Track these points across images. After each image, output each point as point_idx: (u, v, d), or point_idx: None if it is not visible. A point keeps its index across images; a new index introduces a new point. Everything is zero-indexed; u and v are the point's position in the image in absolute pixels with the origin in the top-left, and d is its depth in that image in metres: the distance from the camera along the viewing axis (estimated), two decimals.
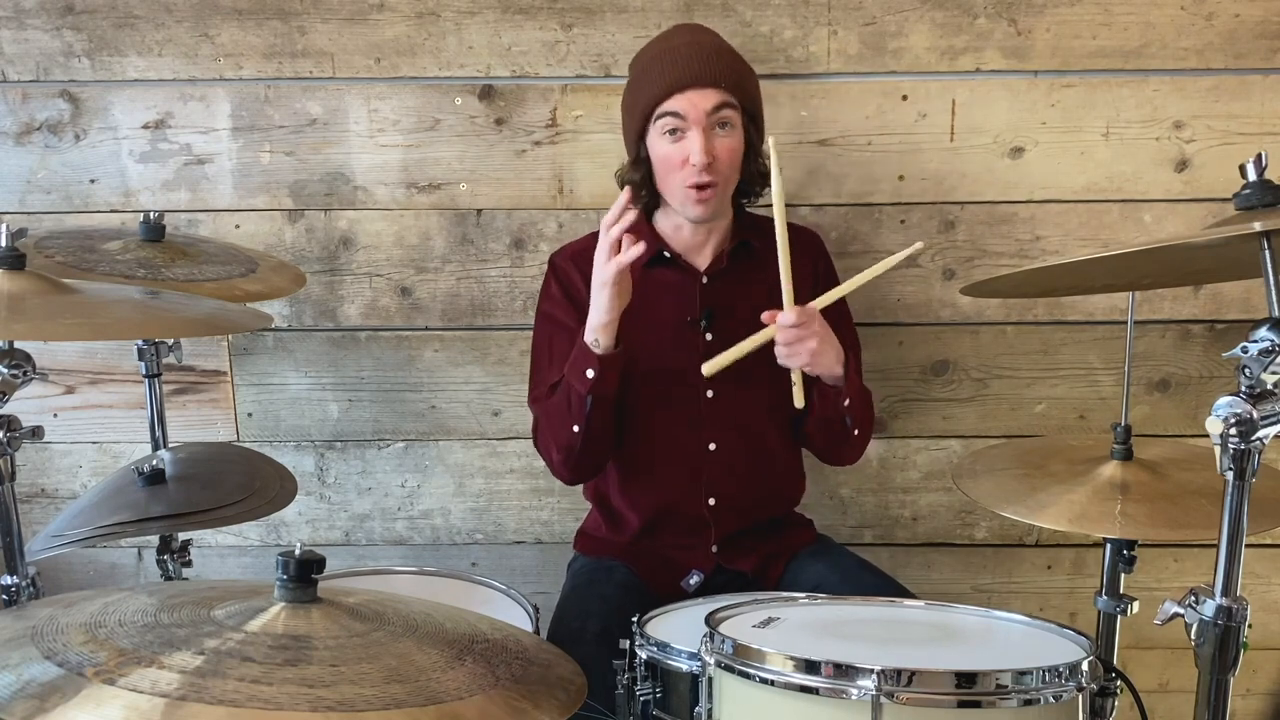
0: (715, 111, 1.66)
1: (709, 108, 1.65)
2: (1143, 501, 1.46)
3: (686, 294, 1.78)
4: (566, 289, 1.81)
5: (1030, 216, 2.09)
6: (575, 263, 1.80)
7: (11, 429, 1.35)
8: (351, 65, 2.06)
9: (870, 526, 2.22)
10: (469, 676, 0.99)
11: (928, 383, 2.15)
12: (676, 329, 1.77)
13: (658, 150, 1.70)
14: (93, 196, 2.11)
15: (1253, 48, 2.01)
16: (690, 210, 1.71)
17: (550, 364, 1.78)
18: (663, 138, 1.68)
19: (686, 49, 1.69)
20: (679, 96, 1.65)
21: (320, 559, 1.04)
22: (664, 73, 1.68)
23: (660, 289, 1.77)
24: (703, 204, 1.69)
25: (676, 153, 1.67)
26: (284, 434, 2.20)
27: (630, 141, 1.77)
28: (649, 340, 1.75)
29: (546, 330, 1.83)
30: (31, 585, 1.45)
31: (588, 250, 1.75)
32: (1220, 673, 1.19)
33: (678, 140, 1.67)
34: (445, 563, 2.17)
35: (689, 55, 1.68)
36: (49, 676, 0.87)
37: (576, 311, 1.75)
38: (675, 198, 1.72)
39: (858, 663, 1.14)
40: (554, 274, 1.84)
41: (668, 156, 1.69)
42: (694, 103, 1.65)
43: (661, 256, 1.78)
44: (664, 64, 1.69)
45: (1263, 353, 1.11)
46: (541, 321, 1.85)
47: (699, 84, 1.65)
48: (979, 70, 2.04)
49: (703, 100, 1.65)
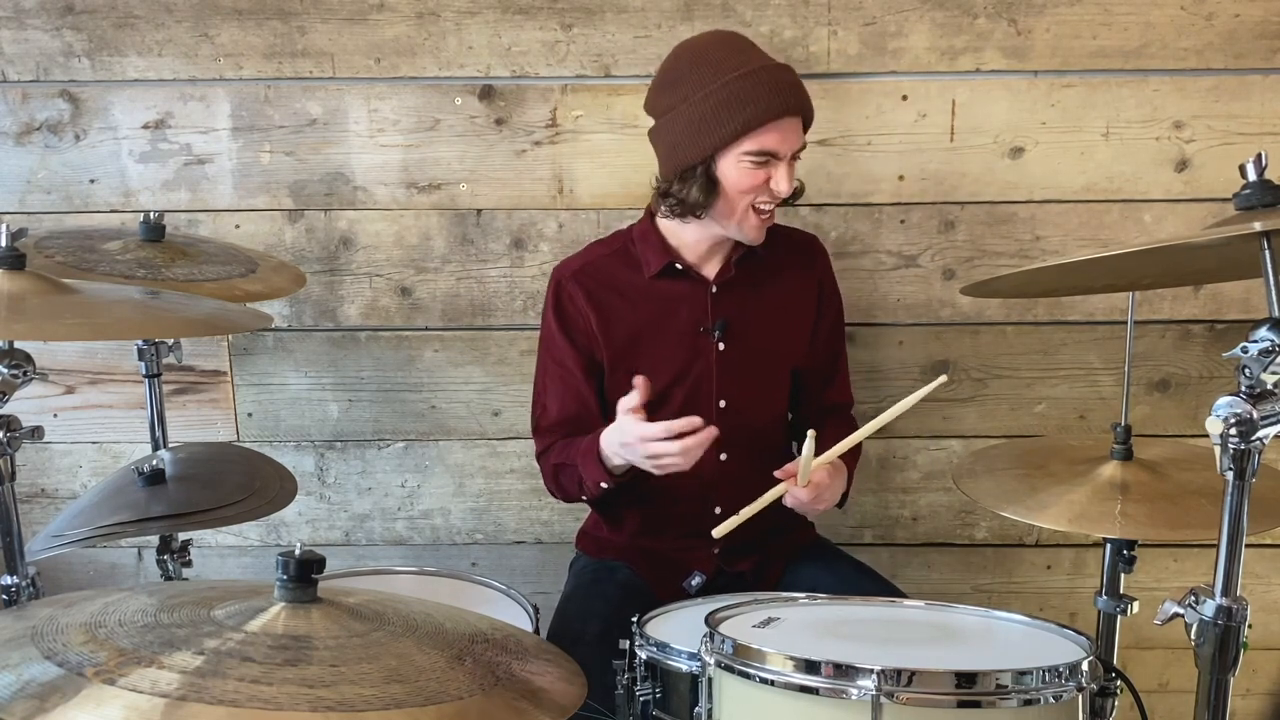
0: (800, 149, 1.66)
1: (797, 143, 1.65)
2: (1143, 501, 1.46)
3: (697, 303, 1.76)
4: (565, 318, 1.78)
5: (1030, 216, 2.09)
6: (579, 280, 1.78)
7: (11, 429, 1.35)
8: (351, 65, 2.06)
9: (870, 526, 2.22)
10: (469, 676, 0.99)
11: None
12: (689, 338, 1.76)
13: (735, 174, 1.63)
14: (93, 196, 2.11)
15: (1253, 48, 2.01)
16: (750, 234, 1.70)
17: (547, 393, 1.82)
18: (744, 161, 1.62)
19: (782, 77, 1.63)
20: (776, 128, 1.60)
21: (320, 559, 1.04)
22: (760, 96, 1.59)
23: (671, 299, 1.76)
24: (764, 226, 1.70)
25: (758, 176, 1.63)
26: (284, 434, 2.20)
27: (692, 158, 1.63)
28: (661, 350, 1.75)
29: (545, 358, 1.83)
30: (31, 585, 1.45)
31: (591, 265, 1.78)
32: (1220, 673, 1.19)
33: (761, 167, 1.63)
34: (445, 563, 2.17)
35: (788, 85, 1.62)
36: (49, 676, 0.87)
37: (573, 347, 1.77)
38: (735, 218, 1.68)
39: (858, 663, 1.14)
40: (556, 292, 1.79)
41: (748, 178, 1.63)
42: (788, 138, 1.63)
43: (673, 268, 1.76)
44: (765, 89, 1.59)
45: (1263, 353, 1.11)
46: (542, 343, 1.84)
47: (795, 113, 1.63)
48: (979, 70, 2.04)
49: (794, 133, 1.64)
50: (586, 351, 1.78)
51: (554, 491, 1.83)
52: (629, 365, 1.71)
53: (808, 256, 1.86)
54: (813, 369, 1.86)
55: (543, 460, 1.82)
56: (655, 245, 1.76)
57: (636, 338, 1.75)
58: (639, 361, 1.72)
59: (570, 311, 1.78)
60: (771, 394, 1.83)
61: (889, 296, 2.12)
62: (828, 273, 1.89)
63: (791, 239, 1.86)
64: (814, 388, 1.87)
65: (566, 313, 1.78)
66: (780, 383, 1.83)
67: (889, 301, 2.12)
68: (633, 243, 1.79)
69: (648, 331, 1.73)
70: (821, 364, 1.88)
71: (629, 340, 1.76)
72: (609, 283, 1.77)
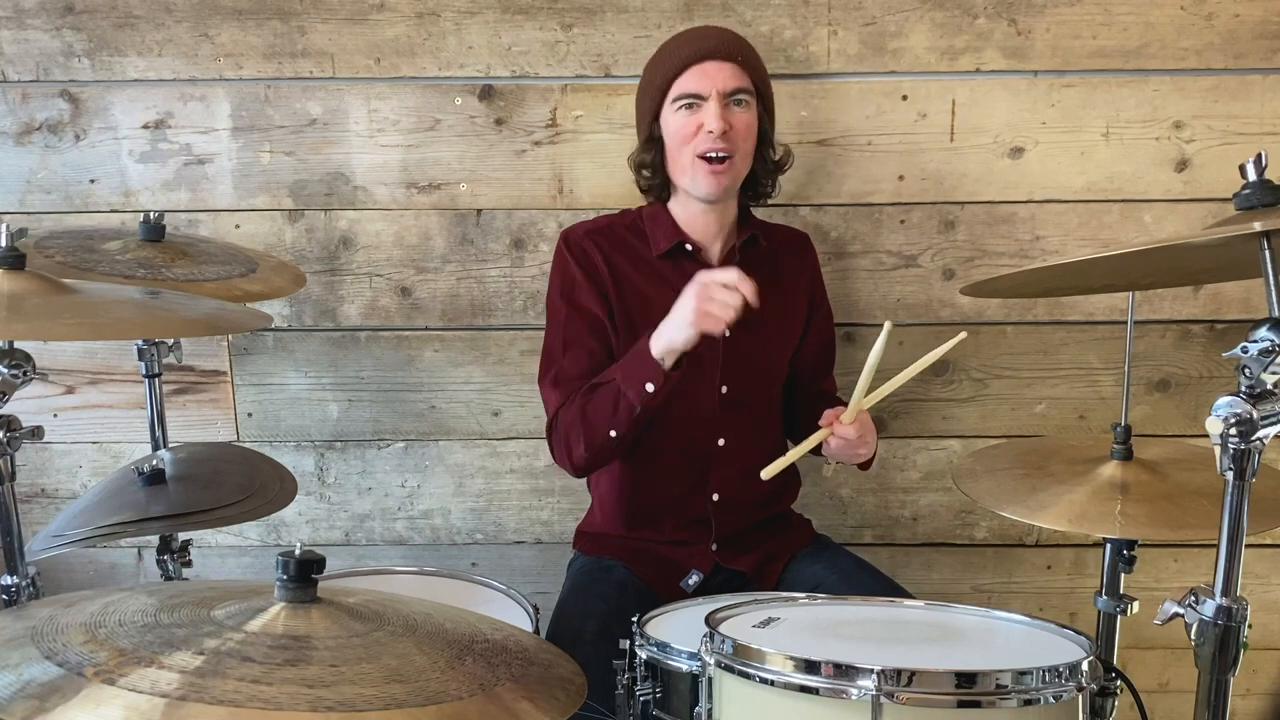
0: (732, 92, 1.66)
1: (725, 84, 1.65)
2: (1143, 501, 1.46)
3: None
4: (587, 269, 1.75)
5: (1030, 216, 2.09)
6: (592, 239, 1.77)
7: (11, 429, 1.35)
8: (351, 65, 2.06)
9: (870, 526, 2.22)
10: (469, 676, 0.99)
11: (928, 383, 2.15)
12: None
13: (671, 125, 1.69)
14: (93, 196, 2.11)
15: (1253, 48, 2.01)
16: (701, 184, 1.68)
17: (566, 349, 1.74)
18: (678, 113, 1.67)
19: (702, 29, 1.74)
20: (696, 69, 1.65)
21: (320, 559, 1.04)
22: (680, 48, 1.69)
23: (677, 279, 1.74)
24: (714, 176, 1.67)
25: (691, 123, 1.66)
26: (284, 434, 2.20)
27: (644, 124, 1.75)
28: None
29: (564, 310, 1.76)
30: (31, 585, 1.45)
31: (603, 228, 1.78)
32: (1220, 673, 1.19)
33: (691, 112, 1.66)
34: (445, 563, 2.17)
35: (705, 33, 1.72)
36: (49, 676, 0.87)
37: (598, 295, 1.74)
38: (685, 173, 1.69)
39: (858, 663, 1.14)
40: (570, 253, 1.77)
41: (681, 127, 1.67)
42: (711, 76, 1.65)
43: (682, 249, 1.76)
44: (680, 41, 1.72)
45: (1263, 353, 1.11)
46: (559, 300, 1.77)
47: (716, 56, 1.66)
48: (979, 70, 2.04)
49: (719, 74, 1.65)
50: (607, 303, 1.75)
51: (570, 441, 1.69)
52: (636, 334, 1.71)
53: (800, 251, 1.91)
54: (808, 359, 1.90)
55: (563, 410, 1.71)
56: (665, 225, 1.77)
57: (646, 309, 1.72)
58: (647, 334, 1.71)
59: (590, 268, 1.75)
60: (771, 382, 1.85)
61: (889, 296, 2.12)
62: (817, 268, 1.93)
63: (785, 233, 1.91)
64: (807, 378, 1.91)
65: (587, 268, 1.75)
66: (779, 372, 1.86)
67: (889, 301, 2.13)
68: (642, 220, 1.80)
69: (656, 306, 1.72)
70: (815, 355, 1.92)
71: (639, 309, 1.74)
72: (622, 248, 1.77)
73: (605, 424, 1.64)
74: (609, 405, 1.62)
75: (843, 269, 2.11)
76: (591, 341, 1.74)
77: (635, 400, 1.59)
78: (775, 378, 1.86)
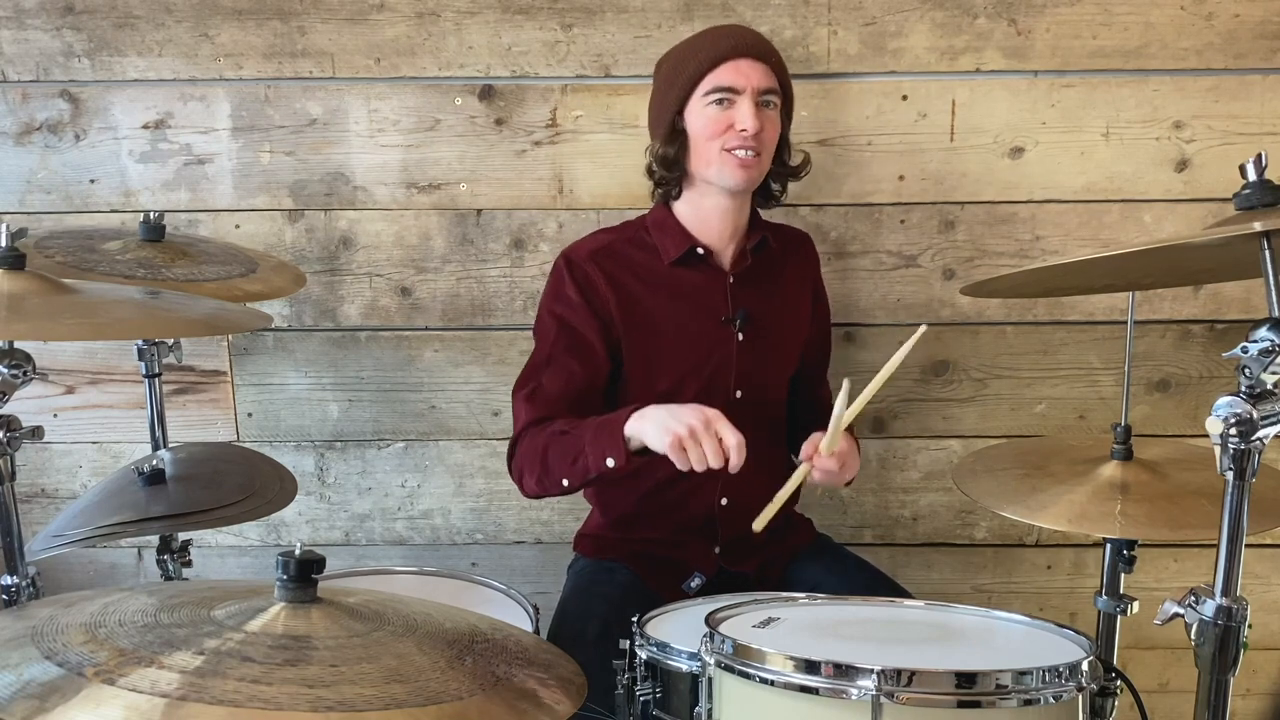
0: (764, 92, 1.65)
1: (760, 83, 1.64)
2: (1143, 501, 1.46)
3: (716, 293, 1.75)
4: (586, 292, 1.72)
5: (1030, 216, 2.09)
6: (596, 261, 1.74)
7: (11, 429, 1.35)
8: (351, 65, 2.06)
9: (870, 526, 2.22)
10: (469, 676, 0.99)
11: (928, 383, 2.15)
12: (709, 328, 1.75)
13: (699, 118, 1.66)
14: (93, 196, 2.11)
15: (1253, 48, 2.01)
16: (729, 175, 1.66)
17: (549, 365, 1.72)
18: (708, 107, 1.65)
19: (733, 27, 1.74)
20: (731, 65, 1.64)
21: (320, 559, 1.04)
22: (718, 41, 1.66)
23: (689, 288, 1.75)
24: (744, 169, 1.66)
25: (722, 119, 1.64)
26: (284, 434, 2.20)
27: (664, 118, 1.70)
28: (681, 339, 1.74)
29: (554, 329, 1.73)
30: (31, 585, 1.45)
31: (606, 248, 1.75)
32: (1220, 673, 1.19)
33: (723, 109, 1.65)
34: (445, 563, 2.17)
35: (740, 30, 1.71)
36: (49, 676, 0.87)
37: (595, 318, 1.71)
38: (712, 164, 1.67)
39: (858, 663, 1.14)
40: (570, 274, 1.73)
41: (711, 121, 1.65)
42: (745, 73, 1.64)
43: (694, 253, 1.74)
44: (715, 35, 1.69)
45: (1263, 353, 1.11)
46: (550, 319, 1.74)
47: (751, 55, 1.65)
48: (979, 70, 2.04)
49: (754, 72, 1.64)
50: (606, 329, 1.72)
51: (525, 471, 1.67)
52: (648, 352, 1.70)
53: (803, 252, 1.90)
54: (809, 362, 1.90)
55: (532, 430, 1.67)
56: (674, 231, 1.75)
57: (656, 325, 1.72)
58: (659, 349, 1.71)
59: (589, 291, 1.72)
60: (782, 385, 1.85)
61: (889, 296, 2.12)
62: (818, 265, 1.93)
63: (787, 233, 1.90)
64: (806, 381, 1.91)
65: (585, 291, 1.72)
66: (790, 369, 1.86)
67: (889, 301, 2.13)
68: (647, 231, 1.78)
69: (667, 319, 1.71)
70: (815, 358, 1.92)
71: (649, 327, 1.73)
72: (626, 266, 1.74)
73: (561, 472, 1.61)
74: (569, 457, 1.59)
75: (843, 269, 2.11)
76: (573, 363, 1.71)
77: (593, 468, 1.56)
78: (785, 381, 1.86)
